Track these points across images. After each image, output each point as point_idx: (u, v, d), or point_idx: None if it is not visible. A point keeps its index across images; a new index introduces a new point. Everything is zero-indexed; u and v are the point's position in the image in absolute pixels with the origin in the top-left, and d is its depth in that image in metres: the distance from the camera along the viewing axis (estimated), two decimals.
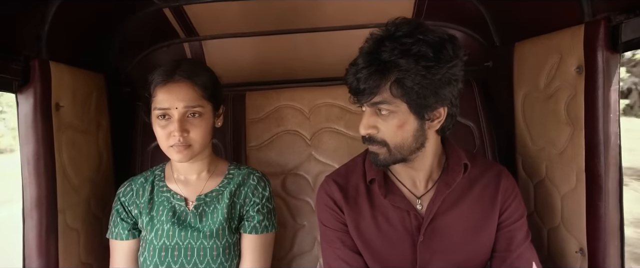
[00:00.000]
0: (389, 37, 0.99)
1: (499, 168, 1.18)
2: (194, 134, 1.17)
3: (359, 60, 1.01)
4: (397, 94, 0.98)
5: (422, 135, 1.05)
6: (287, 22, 1.57)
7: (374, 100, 1.00)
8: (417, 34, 0.97)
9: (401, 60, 0.96)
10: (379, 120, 1.03)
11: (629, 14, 0.97)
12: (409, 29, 0.98)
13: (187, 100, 1.16)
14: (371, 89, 0.98)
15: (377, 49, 0.98)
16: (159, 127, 1.18)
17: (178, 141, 1.15)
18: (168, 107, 1.15)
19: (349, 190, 1.18)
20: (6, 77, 1.08)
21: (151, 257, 1.23)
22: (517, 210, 1.14)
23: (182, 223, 1.24)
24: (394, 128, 1.02)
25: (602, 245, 1.09)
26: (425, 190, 1.15)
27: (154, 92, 1.18)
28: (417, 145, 1.06)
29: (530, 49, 1.33)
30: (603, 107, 1.04)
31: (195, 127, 1.17)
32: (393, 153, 1.05)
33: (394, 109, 1.00)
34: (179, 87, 1.16)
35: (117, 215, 1.28)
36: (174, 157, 1.19)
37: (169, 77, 1.17)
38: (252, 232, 1.27)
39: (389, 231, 1.13)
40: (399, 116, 1.01)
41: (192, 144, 1.17)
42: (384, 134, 1.04)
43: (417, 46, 0.96)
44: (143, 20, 1.47)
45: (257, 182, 1.29)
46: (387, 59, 0.97)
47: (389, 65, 0.97)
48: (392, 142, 1.04)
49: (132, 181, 1.31)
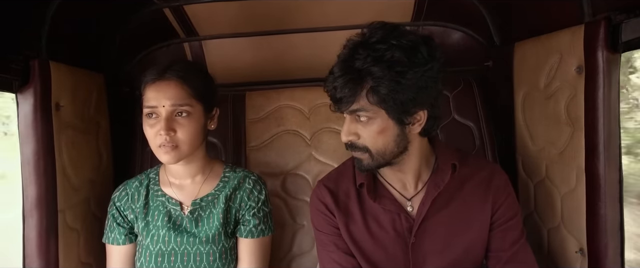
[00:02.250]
0: (363, 44, 0.98)
1: (491, 167, 1.17)
2: (181, 134, 1.14)
3: (335, 69, 1.00)
4: (373, 101, 0.97)
5: (403, 139, 1.04)
6: (287, 22, 1.57)
7: (351, 107, 1.00)
8: (390, 39, 0.96)
9: (374, 68, 0.95)
10: (359, 127, 1.03)
11: (629, 14, 0.97)
12: (382, 34, 0.97)
13: (174, 98, 1.13)
14: (348, 97, 0.98)
15: (352, 57, 0.97)
16: (147, 126, 1.16)
17: (164, 140, 1.13)
18: (155, 105, 1.14)
19: (340, 194, 1.18)
20: (6, 77, 1.07)
21: (148, 262, 1.22)
22: (510, 208, 1.14)
23: (178, 228, 1.23)
24: (375, 134, 1.02)
25: (602, 245, 1.09)
26: (415, 191, 1.14)
27: (144, 91, 1.17)
28: (400, 149, 1.05)
29: (530, 49, 1.33)
30: (603, 107, 1.04)
31: (183, 127, 1.14)
32: (376, 158, 1.05)
33: (372, 115, 1.00)
34: (168, 85, 1.15)
35: (113, 220, 1.27)
36: (162, 158, 1.16)
37: (160, 75, 1.16)
38: (248, 236, 1.26)
39: (381, 234, 1.13)
40: (378, 122, 1.01)
41: (179, 145, 1.14)
42: (365, 140, 1.03)
43: (390, 52, 0.95)
44: (143, 20, 1.47)
45: (253, 185, 1.29)
46: (360, 67, 0.96)
47: (363, 74, 0.96)
48: (373, 147, 1.04)
49: (126, 185, 1.30)
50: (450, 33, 1.64)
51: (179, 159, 1.17)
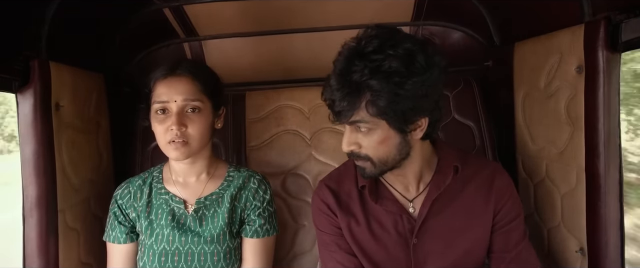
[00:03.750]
0: (359, 54, 0.95)
1: (492, 168, 1.17)
2: (191, 130, 1.15)
3: (333, 81, 0.99)
4: (373, 113, 0.96)
5: (405, 146, 1.04)
6: (287, 22, 1.57)
7: (351, 119, 0.99)
8: (386, 49, 0.93)
9: (372, 81, 0.93)
10: (360, 137, 1.02)
11: (629, 13, 0.97)
12: (378, 42, 0.95)
13: (186, 93, 1.15)
14: (346, 110, 0.97)
15: (348, 69, 0.95)
16: (157, 123, 1.17)
17: (175, 135, 1.13)
18: (167, 100, 1.15)
19: (342, 195, 1.18)
20: (6, 77, 1.07)
21: (151, 261, 1.22)
22: (512, 209, 1.13)
23: (182, 227, 1.22)
24: (376, 144, 1.01)
25: (602, 245, 1.09)
26: (417, 192, 1.14)
27: (154, 87, 1.18)
28: (402, 156, 1.05)
29: (530, 49, 1.33)
30: (603, 107, 1.04)
31: (193, 123, 1.15)
32: (378, 166, 1.05)
33: (372, 126, 0.99)
34: (179, 81, 1.16)
35: (115, 218, 1.26)
36: (172, 154, 1.17)
37: (171, 71, 1.17)
38: (253, 236, 1.26)
39: (383, 235, 1.13)
40: (379, 132, 1.00)
41: (189, 141, 1.15)
42: (366, 150, 1.03)
43: (387, 62, 0.93)
44: (143, 20, 1.47)
45: (258, 185, 1.29)
46: (358, 80, 0.94)
47: (360, 87, 0.94)
48: (375, 156, 1.03)
49: (129, 183, 1.30)
50: (450, 33, 1.64)
51: (188, 156, 1.18)
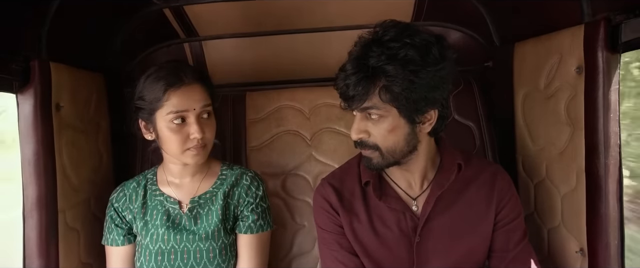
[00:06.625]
0: (376, 42, 0.98)
1: (494, 168, 1.18)
2: (208, 134, 1.19)
3: (348, 66, 1.00)
4: (386, 99, 0.97)
5: (414, 138, 1.05)
6: (288, 22, 1.57)
7: (363, 105, 1.00)
8: (403, 38, 0.96)
9: (388, 66, 0.95)
10: (369, 125, 1.03)
11: (629, 14, 0.97)
12: (396, 32, 0.97)
13: (202, 100, 1.18)
14: (360, 95, 0.98)
15: (365, 55, 0.97)
16: (171, 132, 1.16)
17: (198, 142, 1.16)
18: (186, 109, 1.15)
19: (344, 193, 1.18)
20: (6, 77, 1.08)
21: (147, 261, 1.23)
22: (513, 209, 1.14)
23: (177, 226, 1.24)
24: (385, 132, 1.02)
25: (603, 245, 1.09)
26: (421, 191, 1.15)
27: (167, 96, 1.15)
28: (410, 148, 1.06)
29: (530, 49, 1.33)
30: (603, 107, 1.04)
31: (209, 127, 1.20)
32: (386, 157, 1.05)
33: (384, 113, 1.00)
34: (193, 89, 1.17)
35: (111, 222, 1.27)
36: (191, 160, 1.20)
37: (180, 80, 1.16)
38: (247, 232, 1.27)
39: (385, 233, 1.13)
40: (389, 120, 1.01)
41: (206, 144, 1.20)
42: (375, 138, 1.04)
43: (404, 50, 0.95)
44: (143, 20, 1.47)
45: (250, 181, 1.30)
46: (374, 65, 0.96)
47: (376, 72, 0.96)
48: (383, 146, 1.04)
49: (124, 186, 1.31)
50: (450, 33, 1.64)
51: (206, 158, 1.23)
